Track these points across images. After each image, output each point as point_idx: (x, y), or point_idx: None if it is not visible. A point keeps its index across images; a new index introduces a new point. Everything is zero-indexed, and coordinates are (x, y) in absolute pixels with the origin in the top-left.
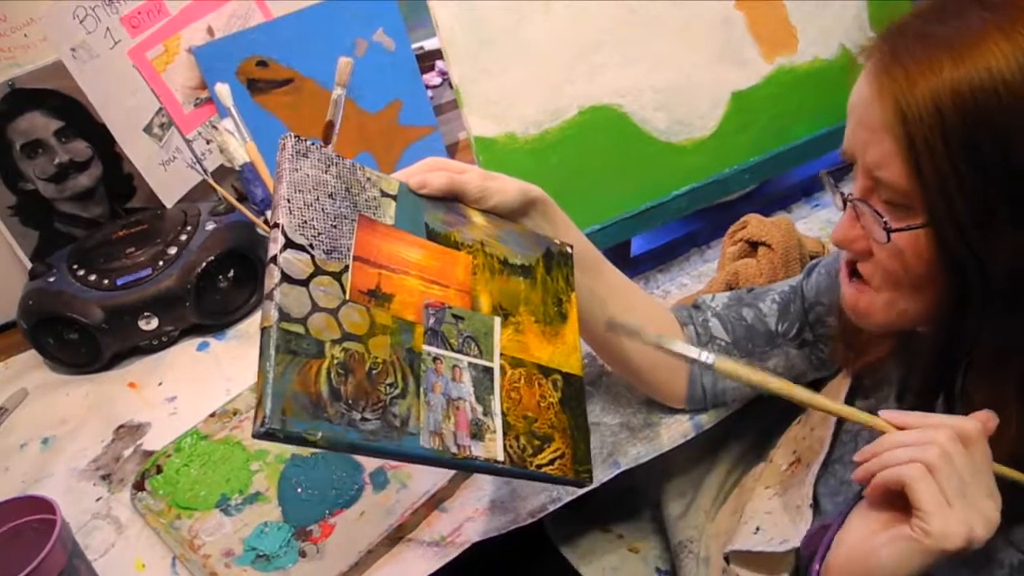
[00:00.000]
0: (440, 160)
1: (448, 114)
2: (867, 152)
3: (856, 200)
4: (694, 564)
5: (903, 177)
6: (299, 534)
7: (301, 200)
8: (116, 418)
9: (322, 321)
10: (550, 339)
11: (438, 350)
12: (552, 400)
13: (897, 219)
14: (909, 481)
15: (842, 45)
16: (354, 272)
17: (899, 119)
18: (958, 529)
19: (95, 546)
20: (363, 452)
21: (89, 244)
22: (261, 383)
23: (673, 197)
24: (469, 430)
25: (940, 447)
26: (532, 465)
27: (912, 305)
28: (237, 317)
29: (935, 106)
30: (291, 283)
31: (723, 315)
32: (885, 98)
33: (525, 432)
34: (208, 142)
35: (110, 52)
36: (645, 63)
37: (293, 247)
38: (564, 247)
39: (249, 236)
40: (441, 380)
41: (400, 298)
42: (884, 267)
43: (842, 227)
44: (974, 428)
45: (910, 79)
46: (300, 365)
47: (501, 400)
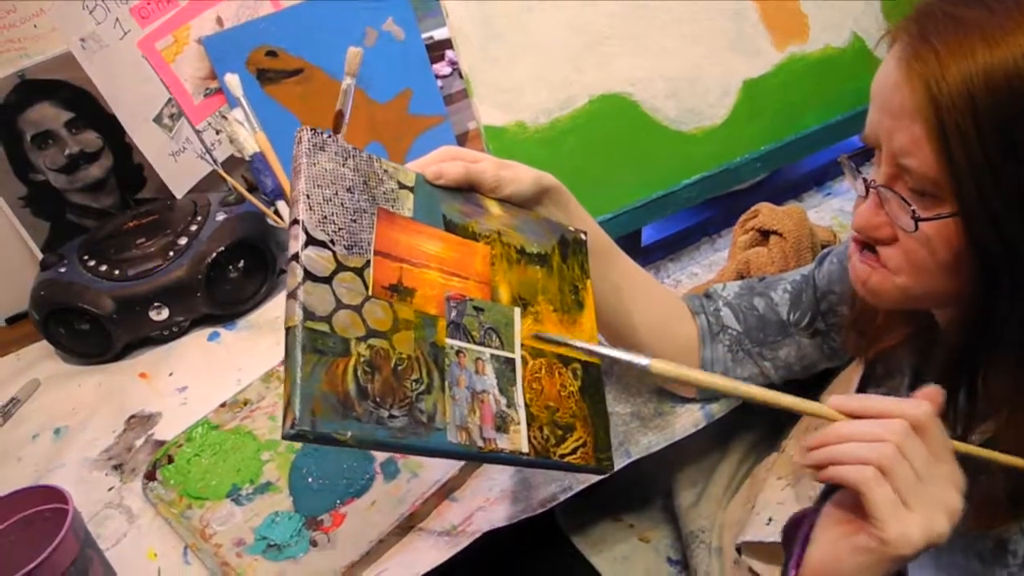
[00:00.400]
0: (454, 149)
1: (458, 104)
2: (893, 138)
3: (881, 187)
4: (706, 554)
5: (932, 164)
6: (310, 524)
7: (320, 195)
8: (127, 408)
9: (347, 318)
10: (568, 327)
11: (461, 343)
12: (572, 389)
13: (924, 207)
14: (861, 487)
15: (853, 33)
16: (376, 267)
17: (930, 104)
18: (915, 532)
19: (107, 535)
20: (392, 449)
21: (100, 235)
22: (289, 384)
23: (684, 186)
24: (494, 423)
25: (892, 444)
26: (556, 455)
27: (927, 289)
28: (247, 307)
29: (967, 91)
30: (314, 281)
31: (735, 304)
32: (915, 82)
33: (548, 422)
34: (218, 132)
35: (119, 43)
36: (655, 51)
37: (315, 243)
38: (578, 234)
39: (259, 226)
40: (465, 373)
41: (422, 292)
42: (909, 255)
43: (865, 214)
44: (926, 414)
45: (942, 63)
46: (327, 364)
47: (524, 391)
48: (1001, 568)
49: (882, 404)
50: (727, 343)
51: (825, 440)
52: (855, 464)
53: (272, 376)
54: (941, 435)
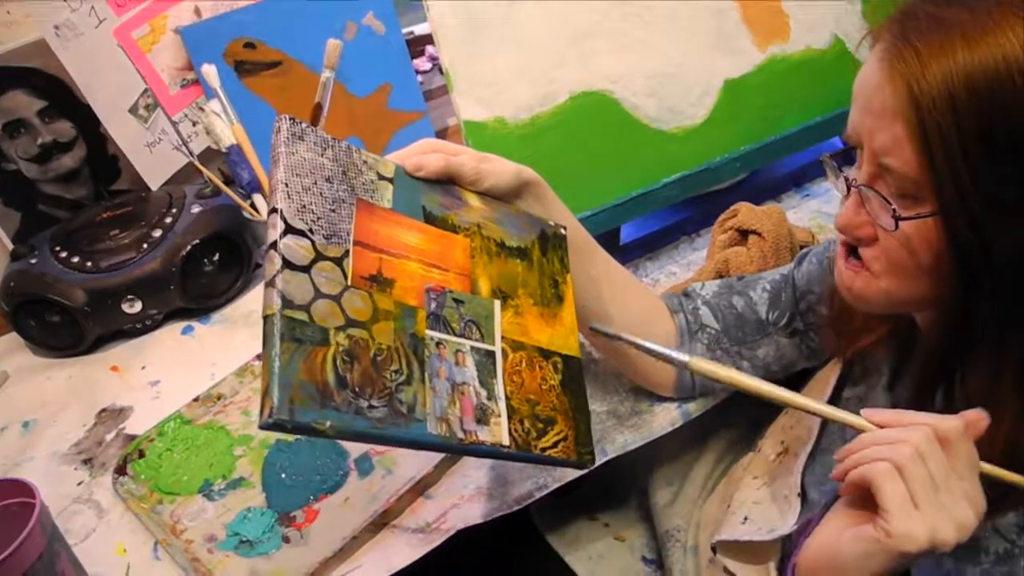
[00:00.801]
0: (434, 141)
1: (438, 99)
2: (875, 138)
3: (862, 186)
4: (681, 553)
5: (913, 164)
6: (283, 520)
7: (299, 184)
8: (98, 402)
9: (325, 308)
10: (548, 321)
11: (441, 335)
12: (553, 382)
13: (905, 207)
14: (875, 480)
15: (834, 34)
16: (355, 257)
17: (911, 104)
18: (920, 532)
19: (76, 530)
20: (371, 440)
21: (72, 226)
22: (267, 373)
23: (663, 185)
24: (474, 415)
25: (912, 446)
26: (536, 448)
27: (911, 293)
28: (222, 301)
29: (948, 91)
30: (293, 269)
31: (713, 303)
32: (896, 82)
33: (529, 415)
34: (194, 124)
35: (95, 31)
36: (637, 49)
37: (293, 232)
38: (558, 228)
39: (235, 219)
40: (445, 365)
41: (401, 283)
42: (889, 254)
43: (847, 213)
44: (954, 428)
45: (923, 63)
46: (306, 353)
47: (504, 384)
48: (974, 566)
49: (914, 416)
50: (705, 342)
51: (852, 450)
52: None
53: (246, 371)
54: (968, 454)
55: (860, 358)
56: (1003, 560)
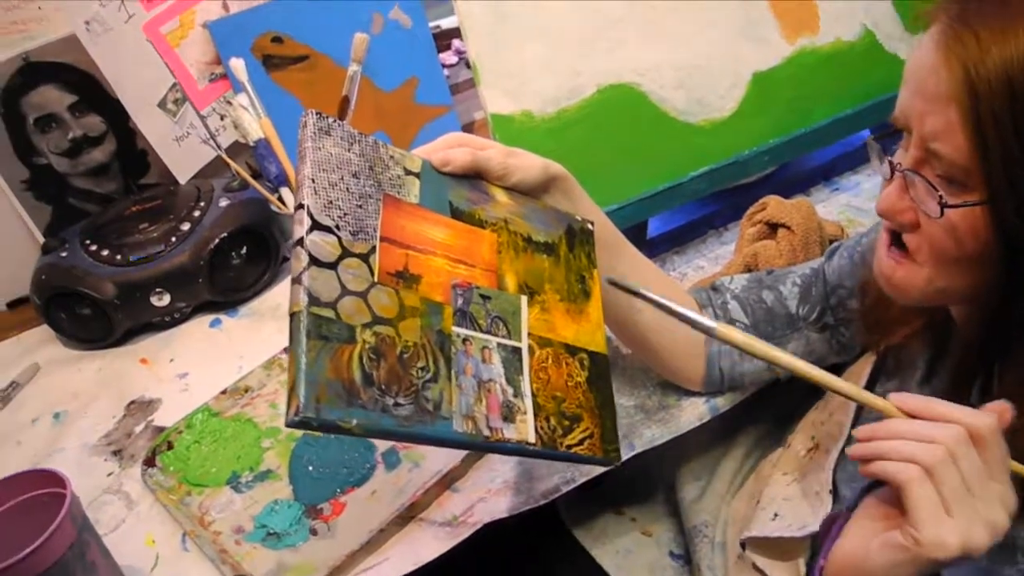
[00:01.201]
0: (461, 136)
1: (464, 93)
2: (925, 122)
3: (908, 171)
4: (709, 548)
5: (964, 150)
6: (310, 512)
7: (325, 180)
8: (128, 394)
9: (352, 305)
10: (575, 317)
11: (467, 331)
12: (579, 379)
13: (951, 194)
14: (904, 484)
15: (864, 26)
16: (381, 253)
17: (967, 89)
18: (952, 540)
19: (105, 521)
20: (397, 438)
21: (102, 219)
22: (293, 370)
23: (691, 178)
24: (500, 412)
25: (944, 448)
26: (563, 446)
27: (953, 283)
28: (250, 294)
29: (1007, 77)
30: (319, 266)
31: (742, 297)
32: (953, 65)
33: (555, 412)
34: (222, 118)
35: (124, 26)
36: (665, 42)
37: (320, 228)
38: (585, 224)
39: (263, 213)
40: (471, 362)
41: (428, 279)
42: (933, 242)
43: (889, 197)
44: (987, 426)
45: (982, 47)
46: (332, 351)
47: (530, 381)
48: (1010, 567)
49: (944, 408)
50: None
51: (876, 434)
52: (902, 461)
53: (274, 364)
54: (1000, 452)
55: (894, 352)
56: None
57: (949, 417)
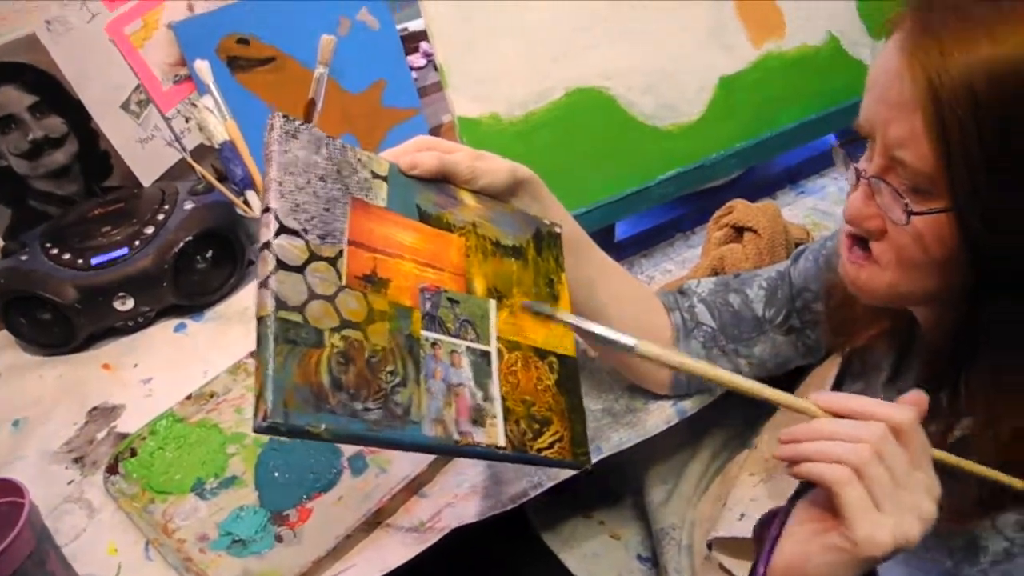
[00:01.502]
0: (428, 139)
1: (432, 96)
2: (889, 130)
3: (873, 178)
4: (676, 551)
5: (928, 158)
6: (276, 519)
7: (292, 183)
8: (90, 400)
9: (320, 309)
10: (544, 321)
11: (436, 335)
12: (549, 383)
13: (917, 201)
14: (834, 487)
15: (829, 32)
16: (349, 257)
17: (930, 96)
18: (885, 537)
19: (66, 530)
20: (367, 443)
21: (64, 222)
22: (260, 375)
23: (658, 182)
24: (470, 416)
25: (870, 447)
26: (532, 449)
27: (917, 286)
28: (215, 298)
29: (969, 85)
30: (287, 270)
31: (709, 301)
32: (916, 72)
33: (524, 416)
34: (187, 120)
35: (86, 26)
36: (632, 46)
37: (287, 232)
38: (553, 227)
39: (228, 216)
40: (441, 366)
41: (396, 283)
42: (899, 248)
43: (855, 204)
44: (907, 419)
45: (944, 53)
46: (300, 355)
47: (500, 384)
48: (972, 566)
49: (865, 405)
50: (701, 339)
51: (802, 436)
52: (830, 463)
53: (239, 368)
54: (922, 442)
55: (859, 354)
56: (1002, 560)
57: (872, 414)
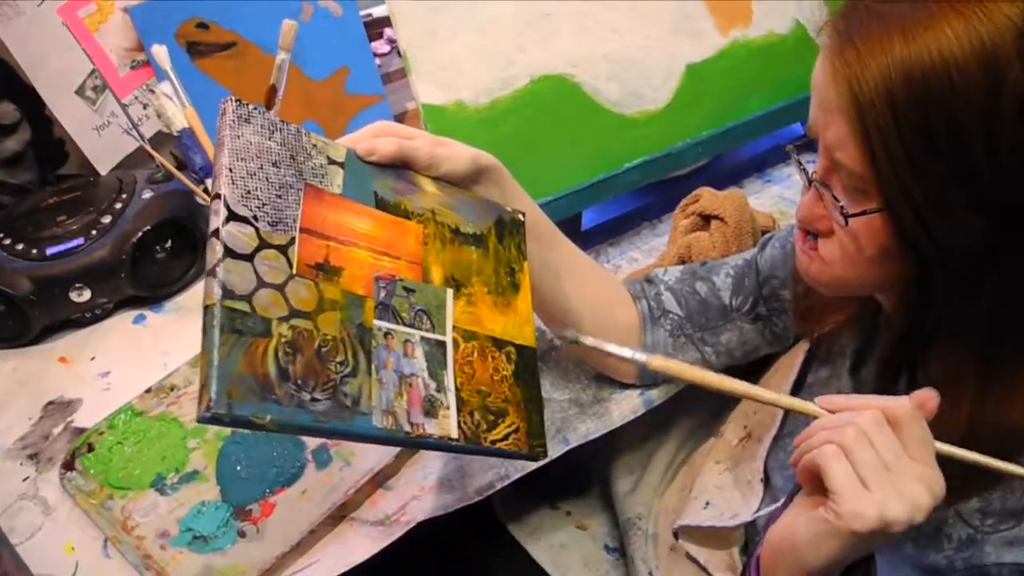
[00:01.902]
0: (388, 124)
1: (396, 83)
2: (826, 133)
3: (817, 182)
4: (642, 541)
5: (858, 161)
6: (238, 514)
7: (244, 169)
8: (45, 394)
9: (268, 298)
10: (503, 310)
11: (389, 325)
12: (506, 373)
13: (855, 202)
14: (821, 462)
15: (796, 20)
16: (301, 245)
17: (852, 102)
18: (869, 511)
19: (20, 529)
20: (313, 434)
21: (17, 212)
22: (205, 365)
23: (625, 170)
24: (422, 407)
25: (857, 427)
26: (486, 441)
27: (863, 279)
28: (175, 289)
29: (886, 88)
30: (235, 258)
31: (676, 289)
32: (839, 80)
33: (479, 407)
34: (145, 107)
35: (38, 9)
36: (598, 32)
37: (236, 219)
38: (516, 215)
39: (188, 205)
40: (393, 356)
41: (349, 271)
42: (843, 247)
43: (806, 206)
44: (902, 408)
45: (862, 60)
46: (246, 345)
47: (454, 375)
48: (936, 552)
49: (865, 398)
50: (668, 328)
51: (803, 436)
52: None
53: None
54: (921, 434)
55: (825, 341)
56: (965, 545)
57: (866, 405)
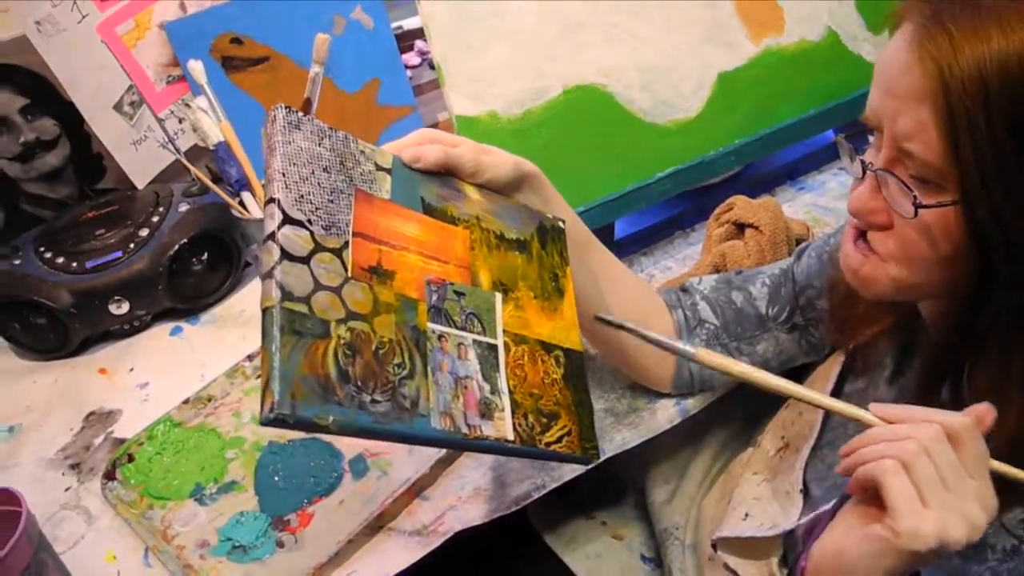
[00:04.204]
0: (432, 132)
1: (427, 95)
2: (897, 121)
3: (880, 170)
4: (680, 551)
5: (937, 150)
6: (276, 524)
7: (296, 174)
8: (86, 405)
9: (326, 300)
10: (549, 315)
11: (443, 328)
12: (556, 376)
13: (924, 193)
14: (880, 477)
15: (828, 27)
16: (354, 248)
17: (940, 88)
18: (929, 530)
19: (64, 538)
20: (374, 436)
21: (57, 226)
22: (267, 367)
23: (657, 179)
24: (478, 409)
25: (919, 443)
26: (541, 443)
27: (921, 280)
28: (211, 301)
29: (980, 77)
30: (292, 260)
31: (712, 298)
32: (926, 64)
33: (532, 410)
34: (181, 121)
35: (78, 26)
36: (630, 42)
37: (291, 223)
38: (556, 222)
39: (223, 218)
40: (448, 359)
41: (402, 275)
42: (905, 242)
43: (861, 197)
44: (963, 425)
45: (955, 46)
46: (307, 346)
47: (507, 378)
48: (980, 564)
49: (922, 411)
50: (704, 337)
51: (859, 444)
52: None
53: (237, 372)
54: (978, 451)
55: (862, 351)
56: (1010, 556)
57: (927, 418)
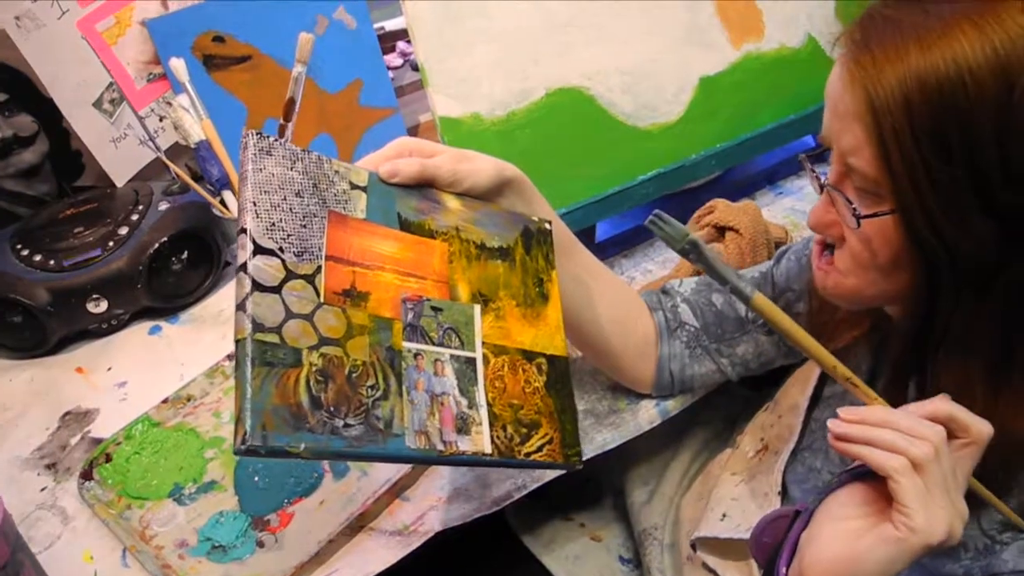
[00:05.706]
0: (409, 142)
1: (409, 96)
2: (840, 139)
3: (829, 186)
4: (658, 551)
5: (873, 165)
6: (256, 524)
7: (268, 201)
8: (63, 404)
9: (297, 328)
10: (532, 322)
11: (419, 345)
12: (537, 385)
13: (868, 206)
14: (894, 475)
15: (808, 33)
16: (327, 273)
17: (868, 108)
18: (941, 525)
19: (40, 538)
20: (349, 458)
21: (35, 223)
22: (239, 398)
23: (639, 182)
24: (455, 425)
25: (932, 446)
26: (520, 454)
27: (877, 288)
28: (191, 300)
29: (902, 95)
30: (263, 291)
31: (692, 300)
32: (855, 86)
33: (511, 421)
34: (161, 119)
35: (57, 22)
36: (613, 45)
37: (262, 252)
38: (542, 224)
39: (204, 216)
40: (423, 376)
41: (376, 295)
42: (854, 253)
43: (817, 212)
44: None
45: (878, 67)
46: (278, 376)
47: (486, 390)
48: (953, 562)
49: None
50: (684, 339)
51: (865, 417)
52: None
53: (216, 371)
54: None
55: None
56: (983, 554)
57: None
